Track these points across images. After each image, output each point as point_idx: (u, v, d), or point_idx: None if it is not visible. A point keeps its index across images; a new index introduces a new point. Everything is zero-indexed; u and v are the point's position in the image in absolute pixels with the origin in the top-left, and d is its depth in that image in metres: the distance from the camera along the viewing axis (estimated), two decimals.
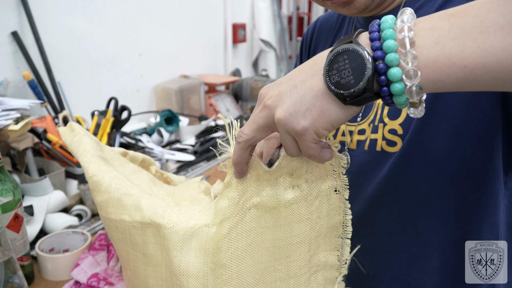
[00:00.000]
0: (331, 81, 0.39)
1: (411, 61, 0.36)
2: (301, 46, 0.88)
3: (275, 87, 0.43)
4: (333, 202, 0.51)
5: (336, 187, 0.50)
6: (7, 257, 0.64)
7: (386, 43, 0.37)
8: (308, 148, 0.42)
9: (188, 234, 0.49)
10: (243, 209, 0.49)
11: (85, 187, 1.04)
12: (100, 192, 0.55)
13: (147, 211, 0.51)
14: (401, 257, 0.66)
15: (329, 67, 0.39)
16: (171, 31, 1.95)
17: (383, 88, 0.38)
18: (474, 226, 0.61)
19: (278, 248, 0.51)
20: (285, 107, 0.40)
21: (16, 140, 0.98)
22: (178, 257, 0.49)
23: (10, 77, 1.27)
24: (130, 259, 0.56)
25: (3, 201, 0.71)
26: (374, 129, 0.65)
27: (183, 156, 1.44)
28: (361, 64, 0.37)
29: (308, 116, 0.40)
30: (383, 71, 0.37)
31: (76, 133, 0.63)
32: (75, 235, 0.86)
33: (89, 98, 1.53)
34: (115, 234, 0.56)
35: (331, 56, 0.39)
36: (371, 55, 0.38)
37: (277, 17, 2.87)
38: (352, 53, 0.38)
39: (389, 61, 0.37)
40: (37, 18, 1.31)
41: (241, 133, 0.44)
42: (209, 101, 1.99)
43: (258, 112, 0.43)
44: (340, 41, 0.41)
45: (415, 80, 0.36)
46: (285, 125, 0.41)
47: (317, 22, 0.86)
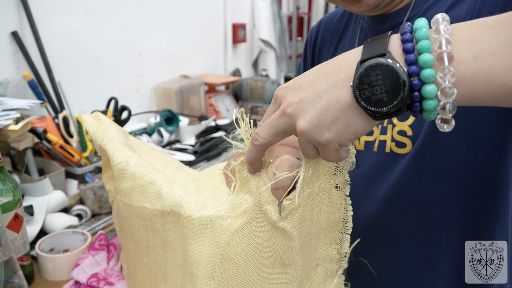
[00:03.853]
0: (361, 96, 0.36)
1: (449, 78, 0.34)
2: (305, 47, 0.88)
3: (295, 92, 0.41)
4: (334, 199, 0.51)
5: (337, 183, 0.50)
6: (7, 257, 0.64)
7: (422, 57, 0.35)
8: (329, 156, 0.41)
9: (203, 224, 0.50)
10: (258, 206, 0.49)
11: (85, 187, 1.04)
12: (126, 179, 0.56)
13: (168, 200, 0.53)
14: (413, 260, 0.66)
15: (359, 80, 0.36)
16: (171, 31, 1.95)
17: (415, 103, 0.36)
18: (486, 230, 0.61)
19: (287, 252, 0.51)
20: (309, 118, 0.39)
21: (16, 140, 0.98)
22: (193, 245, 0.50)
23: (10, 77, 1.27)
24: (150, 246, 0.57)
25: (3, 201, 0.71)
26: (383, 130, 0.64)
27: (183, 156, 1.44)
28: (395, 83, 0.35)
29: (333, 129, 0.38)
30: (418, 88, 0.35)
31: (102, 122, 0.64)
32: (75, 235, 0.86)
33: (89, 98, 1.53)
34: (136, 221, 0.57)
35: (362, 69, 0.36)
36: (405, 70, 0.35)
37: (277, 17, 2.87)
38: (387, 69, 0.35)
39: (425, 78, 0.34)
40: (37, 18, 1.31)
41: (258, 136, 0.43)
42: (209, 101, 1.99)
43: (277, 117, 0.41)
44: (369, 46, 0.38)
45: (450, 98, 0.34)
46: (308, 137, 0.39)
47: (321, 22, 0.86)
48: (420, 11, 0.63)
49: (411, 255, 0.66)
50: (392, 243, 0.66)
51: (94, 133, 0.63)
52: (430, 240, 0.64)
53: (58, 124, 1.17)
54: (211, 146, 1.55)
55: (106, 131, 0.62)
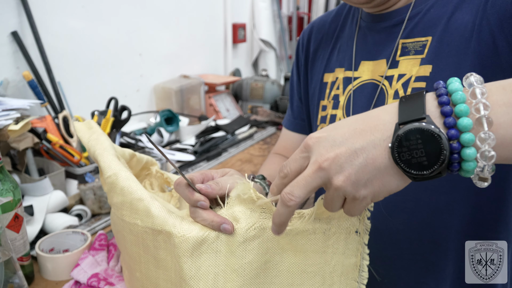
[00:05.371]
0: (400, 158, 0.37)
1: (489, 143, 0.34)
2: (297, 50, 0.87)
3: (329, 147, 0.40)
4: (350, 242, 0.50)
5: (358, 229, 0.49)
6: (7, 257, 0.64)
7: (462, 121, 0.35)
8: (356, 211, 0.41)
9: (199, 241, 0.49)
10: (262, 226, 0.49)
11: (85, 187, 1.04)
12: (116, 193, 0.55)
13: (158, 219, 0.51)
14: (418, 266, 0.66)
15: (398, 143, 0.37)
16: (171, 31, 1.95)
17: (454, 164, 0.36)
18: (492, 233, 0.61)
19: (293, 273, 0.51)
20: (347, 174, 0.38)
21: (16, 140, 0.98)
22: (188, 263, 0.49)
23: (10, 77, 1.27)
24: (142, 261, 0.56)
25: (3, 201, 0.71)
26: None
27: (183, 156, 1.44)
28: (436, 148, 0.35)
29: (369, 187, 0.39)
30: (457, 151, 0.36)
31: (94, 131, 0.63)
32: (75, 235, 0.86)
33: (89, 98, 1.53)
34: (128, 236, 0.56)
35: (402, 132, 0.36)
36: (446, 135, 0.35)
37: (277, 17, 2.87)
38: (427, 134, 0.36)
39: (465, 142, 0.35)
40: (37, 18, 1.31)
41: (291, 196, 0.40)
42: (209, 101, 1.99)
43: (312, 173, 0.40)
44: (405, 106, 0.38)
45: (490, 162, 0.35)
46: (345, 192, 0.39)
47: (313, 25, 0.85)
48: (422, 10, 0.63)
49: (415, 260, 0.65)
50: (397, 247, 0.66)
51: (86, 143, 0.62)
52: (436, 246, 0.64)
53: (58, 124, 1.17)
54: (211, 146, 1.55)
55: (97, 141, 0.60)
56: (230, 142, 1.63)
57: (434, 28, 0.61)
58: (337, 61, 0.76)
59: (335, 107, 0.73)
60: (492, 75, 0.55)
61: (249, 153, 1.58)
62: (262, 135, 1.78)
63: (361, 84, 0.69)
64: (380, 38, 0.68)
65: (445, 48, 0.59)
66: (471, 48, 0.56)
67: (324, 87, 0.77)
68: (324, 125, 0.74)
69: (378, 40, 0.68)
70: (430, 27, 0.61)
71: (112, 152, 0.59)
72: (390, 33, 0.66)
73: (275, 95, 2.14)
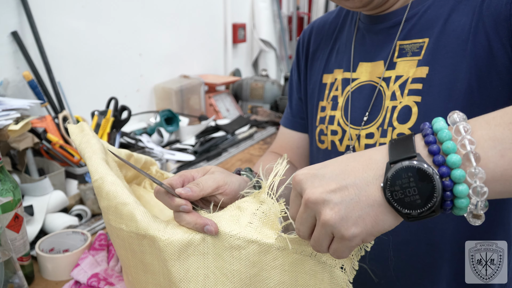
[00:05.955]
0: (393, 197, 0.36)
1: (479, 178, 0.34)
2: (297, 50, 0.87)
3: (317, 182, 0.40)
4: (336, 277, 0.48)
5: (343, 265, 0.48)
6: (7, 257, 0.64)
7: (450, 158, 0.35)
8: (343, 253, 0.40)
9: (185, 244, 0.49)
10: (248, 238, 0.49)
11: (85, 187, 1.04)
12: (102, 198, 0.55)
13: (142, 223, 0.51)
14: (414, 267, 0.66)
15: (391, 182, 0.36)
16: (171, 31, 1.95)
17: (447, 202, 0.36)
18: (490, 235, 0.61)
19: None
20: (336, 210, 0.38)
21: (16, 140, 0.98)
22: (176, 266, 0.49)
23: (10, 77, 1.27)
24: (131, 265, 0.56)
25: (3, 201, 0.71)
26: (383, 133, 0.64)
27: (183, 156, 1.44)
28: (429, 185, 0.35)
29: (360, 224, 0.38)
30: (449, 188, 0.36)
31: (85, 133, 0.63)
32: (75, 235, 0.86)
33: (89, 98, 1.53)
34: (116, 240, 0.56)
35: (394, 171, 0.36)
36: (437, 172, 0.36)
37: (277, 17, 2.87)
38: (419, 172, 0.36)
39: (456, 178, 0.35)
40: (37, 18, 1.31)
41: (299, 232, 0.43)
42: (209, 101, 1.99)
43: (303, 212, 0.41)
44: (395, 146, 0.38)
45: (482, 197, 0.35)
46: (333, 228, 0.38)
47: (313, 26, 0.85)
48: (419, 12, 0.63)
49: (412, 262, 0.66)
50: (393, 249, 0.66)
51: (78, 146, 0.62)
52: (432, 247, 0.64)
53: (58, 124, 1.17)
54: (211, 146, 1.55)
55: (88, 144, 0.60)
56: (230, 142, 1.63)
57: (431, 29, 0.61)
58: (336, 62, 0.76)
59: (334, 108, 0.73)
60: (487, 77, 0.55)
61: (249, 153, 1.58)
62: (262, 135, 1.79)
63: (359, 86, 0.69)
64: (377, 40, 0.68)
65: (441, 50, 0.59)
66: (467, 50, 0.57)
67: (323, 88, 0.77)
68: (323, 126, 0.74)
69: (376, 41, 0.68)
70: (427, 28, 0.62)
71: (101, 156, 0.58)
72: (388, 35, 0.66)
73: (275, 95, 2.14)
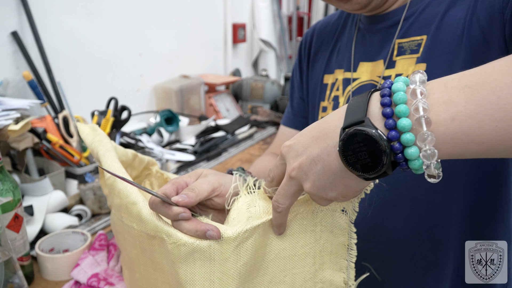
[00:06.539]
0: (348, 162, 0.38)
1: (429, 142, 0.35)
2: (300, 50, 0.87)
3: (294, 156, 0.44)
4: (337, 220, 0.51)
5: (345, 207, 0.51)
6: (7, 257, 0.64)
7: (401, 122, 0.36)
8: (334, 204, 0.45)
9: (191, 248, 0.49)
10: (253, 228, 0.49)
11: (85, 187, 1.04)
12: (115, 196, 0.55)
13: (150, 224, 0.51)
14: (418, 265, 0.66)
15: (343, 148, 0.38)
16: (171, 31, 1.95)
17: (401, 163, 0.37)
18: (489, 231, 0.62)
19: (283, 259, 0.52)
20: (312, 182, 0.42)
21: (16, 140, 0.98)
22: (183, 268, 0.49)
23: (10, 77, 1.27)
24: (140, 263, 0.57)
25: (3, 201, 0.71)
26: None
27: (183, 156, 1.44)
28: (376, 149, 0.36)
29: (334, 189, 0.42)
30: (399, 151, 0.36)
31: (97, 133, 0.64)
32: (75, 235, 0.86)
33: (89, 98, 1.53)
34: (128, 237, 0.56)
35: (344, 136, 0.38)
36: (385, 135, 0.36)
37: (277, 17, 2.87)
38: (366, 136, 0.37)
39: (405, 142, 0.36)
40: (37, 18, 1.31)
41: (277, 203, 0.47)
42: (209, 101, 1.99)
43: (286, 183, 0.45)
44: (350, 108, 0.39)
45: (433, 159, 0.35)
46: (316, 195, 0.43)
47: (315, 27, 0.86)
48: (418, 10, 0.63)
49: (415, 260, 0.66)
50: (396, 247, 0.66)
51: (90, 144, 0.63)
52: (435, 245, 0.64)
53: (58, 124, 1.17)
54: (211, 146, 1.55)
55: (100, 143, 0.61)
56: (230, 142, 1.63)
57: (429, 26, 0.61)
58: (337, 63, 0.76)
59: (335, 108, 0.73)
60: None
61: (249, 153, 1.58)
62: (262, 135, 1.79)
63: (360, 85, 0.70)
64: (377, 39, 0.68)
65: (438, 46, 0.59)
66: (463, 45, 0.57)
67: (324, 88, 0.77)
68: None
69: (376, 41, 0.69)
70: (425, 26, 0.62)
71: (113, 154, 0.60)
72: (387, 34, 0.66)
73: (275, 95, 2.14)
